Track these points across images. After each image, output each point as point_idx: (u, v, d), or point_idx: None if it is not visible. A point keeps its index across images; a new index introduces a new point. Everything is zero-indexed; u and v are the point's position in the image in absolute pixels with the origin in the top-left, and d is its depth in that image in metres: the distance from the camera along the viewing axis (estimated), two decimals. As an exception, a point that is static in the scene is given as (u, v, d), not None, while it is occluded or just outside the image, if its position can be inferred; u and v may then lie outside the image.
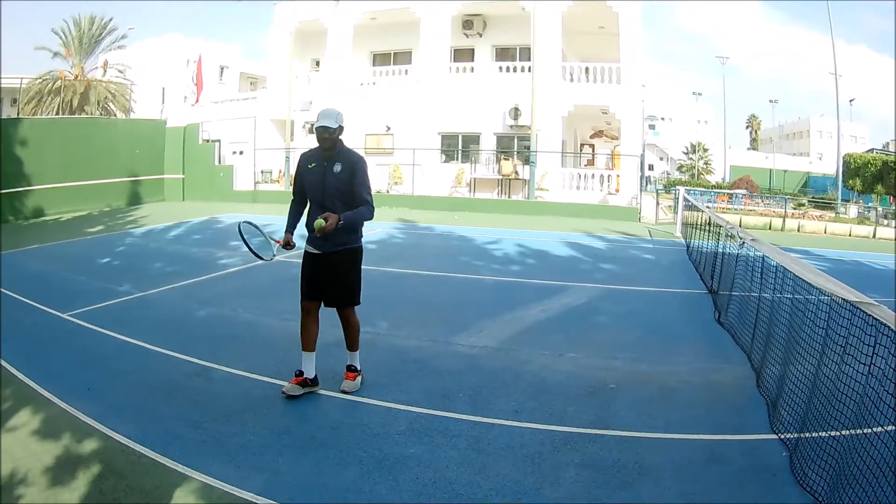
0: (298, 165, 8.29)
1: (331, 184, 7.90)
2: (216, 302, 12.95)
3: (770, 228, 33.20)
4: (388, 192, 38.66)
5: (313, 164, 8.07)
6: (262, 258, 8.42)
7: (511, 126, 37.73)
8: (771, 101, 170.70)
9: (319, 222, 7.54)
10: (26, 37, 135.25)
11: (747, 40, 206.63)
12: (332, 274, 8.09)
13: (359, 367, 8.52)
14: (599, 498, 5.58)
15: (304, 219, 8.21)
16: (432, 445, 6.66)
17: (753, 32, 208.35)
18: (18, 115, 38.05)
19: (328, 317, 8.79)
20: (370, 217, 8.06)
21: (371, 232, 23.96)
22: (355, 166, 7.98)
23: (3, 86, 49.43)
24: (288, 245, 8.14)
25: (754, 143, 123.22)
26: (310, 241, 8.09)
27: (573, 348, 10.01)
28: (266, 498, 5.61)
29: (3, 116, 51.67)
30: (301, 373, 8.14)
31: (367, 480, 5.94)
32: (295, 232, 8.19)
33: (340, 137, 8.05)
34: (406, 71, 42.23)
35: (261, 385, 8.38)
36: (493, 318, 11.77)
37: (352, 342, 8.47)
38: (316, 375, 8.22)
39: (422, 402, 7.82)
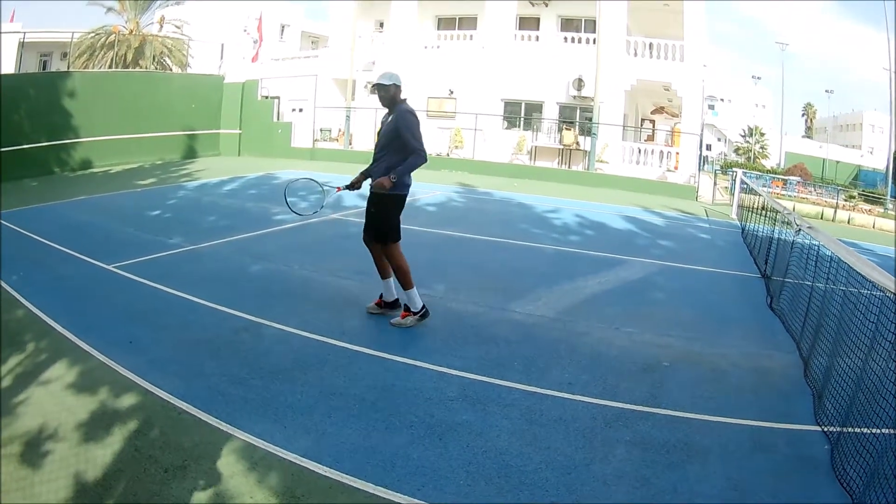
0: None
1: (382, 133, 9.10)
2: (270, 257, 12.92)
3: (822, 218, 32.85)
4: (448, 155, 38.76)
5: (384, 120, 9.23)
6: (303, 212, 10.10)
7: (574, 97, 37.61)
8: (827, 90, 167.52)
9: (379, 182, 8.76)
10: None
11: (805, 28, 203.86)
12: (369, 210, 9.17)
13: (411, 308, 9.21)
14: (648, 477, 5.57)
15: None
16: (485, 413, 6.64)
17: (811, 20, 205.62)
18: (69, 68, 38.03)
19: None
20: (421, 161, 8.98)
21: (431, 194, 24.29)
22: (398, 116, 8.90)
23: (51, 40, 49.16)
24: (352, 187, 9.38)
25: (809, 132, 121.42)
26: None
27: (629, 323, 9.99)
28: (311, 460, 5.60)
29: (52, 70, 51.96)
30: (385, 302, 9.66)
31: (416, 446, 5.93)
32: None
33: (403, 97, 9.19)
34: (471, 36, 41.96)
35: (312, 343, 8.38)
36: (550, 288, 11.78)
37: (400, 280, 9.25)
38: (396, 299, 9.64)
39: (476, 369, 7.80)
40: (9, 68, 37.02)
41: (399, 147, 8.84)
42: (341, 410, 6.57)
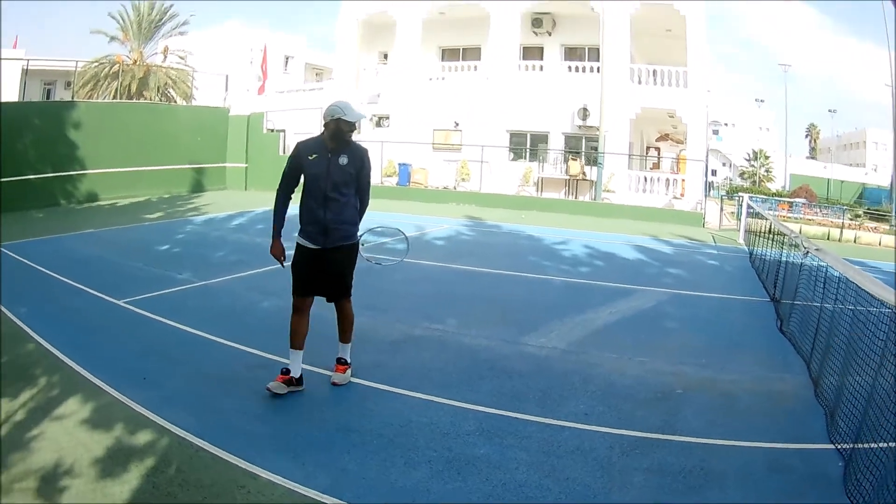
0: (296, 156, 7.98)
1: (337, 176, 7.76)
2: (282, 293, 12.46)
3: (828, 238, 32.86)
4: (455, 188, 39.00)
5: (314, 156, 7.83)
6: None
7: (579, 126, 37.63)
8: (830, 110, 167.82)
9: None
10: (80, 20, 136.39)
11: (807, 48, 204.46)
12: (335, 268, 8.07)
13: (349, 360, 8.46)
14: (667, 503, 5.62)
15: (291, 209, 8.18)
16: (502, 446, 6.64)
17: (811, 40, 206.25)
18: (73, 97, 38.04)
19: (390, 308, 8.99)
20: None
21: (439, 228, 24.50)
22: (364, 161, 7.96)
23: (55, 68, 49.29)
24: (283, 256, 8.29)
25: (813, 152, 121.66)
26: (306, 235, 8.00)
27: (641, 352, 10.01)
28: (332, 496, 5.58)
29: (56, 99, 52.23)
30: (288, 371, 7.94)
31: (436, 480, 5.94)
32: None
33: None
34: (475, 67, 42.17)
35: (327, 380, 8.31)
36: (562, 320, 11.76)
37: (347, 335, 8.45)
38: (301, 375, 8.03)
39: (491, 403, 7.81)
40: (12, 96, 37.27)
41: (353, 191, 8.00)
42: (359, 447, 6.57)
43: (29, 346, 9.28)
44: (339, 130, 7.66)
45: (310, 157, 7.79)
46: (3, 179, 25.35)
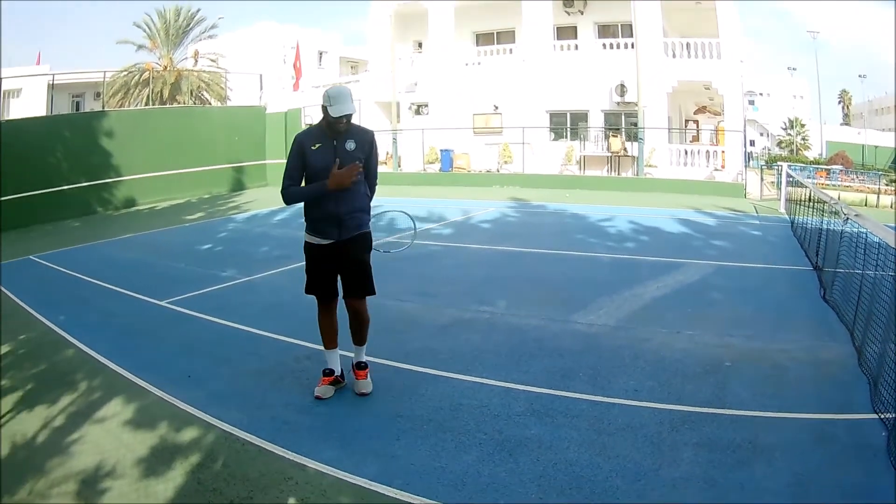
0: (298, 149, 7.45)
1: (347, 163, 7.11)
2: None
3: (866, 204, 32.41)
4: (498, 170, 39.04)
5: (318, 145, 7.27)
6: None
7: (618, 103, 37.50)
8: (860, 76, 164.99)
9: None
10: (103, 32, 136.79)
11: (834, 13, 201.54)
12: (352, 262, 7.46)
13: (366, 363, 7.86)
14: (715, 478, 5.61)
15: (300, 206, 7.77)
16: (553, 426, 6.67)
17: (839, 5, 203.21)
18: (103, 107, 38.13)
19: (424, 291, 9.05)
20: None
21: (484, 211, 24.60)
22: (373, 145, 7.52)
23: (82, 80, 49.47)
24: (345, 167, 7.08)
25: (847, 118, 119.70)
26: (316, 230, 7.46)
27: (689, 326, 10.09)
28: (381, 483, 5.58)
29: (87, 110, 52.42)
30: (331, 371, 7.70)
31: (486, 463, 5.92)
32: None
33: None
34: (510, 50, 42.16)
35: (376, 367, 8.16)
36: (610, 296, 11.83)
37: (363, 336, 7.78)
38: (342, 371, 7.80)
39: (542, 382, 7.84)
40: (40, 110, 37.59)
41: (364, 177, 7.40)
42: (409, 433, 6.59)
43: (68, 352, 9.46)
44: (335, 123, 7.12)
45: (313, 148, 7.30)
46: (27, 194, 25.82)
